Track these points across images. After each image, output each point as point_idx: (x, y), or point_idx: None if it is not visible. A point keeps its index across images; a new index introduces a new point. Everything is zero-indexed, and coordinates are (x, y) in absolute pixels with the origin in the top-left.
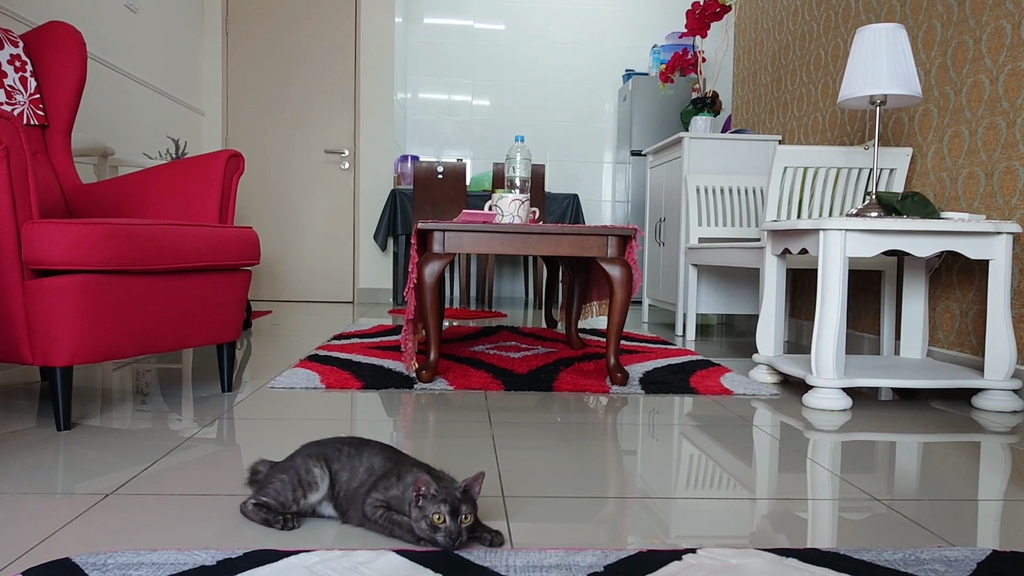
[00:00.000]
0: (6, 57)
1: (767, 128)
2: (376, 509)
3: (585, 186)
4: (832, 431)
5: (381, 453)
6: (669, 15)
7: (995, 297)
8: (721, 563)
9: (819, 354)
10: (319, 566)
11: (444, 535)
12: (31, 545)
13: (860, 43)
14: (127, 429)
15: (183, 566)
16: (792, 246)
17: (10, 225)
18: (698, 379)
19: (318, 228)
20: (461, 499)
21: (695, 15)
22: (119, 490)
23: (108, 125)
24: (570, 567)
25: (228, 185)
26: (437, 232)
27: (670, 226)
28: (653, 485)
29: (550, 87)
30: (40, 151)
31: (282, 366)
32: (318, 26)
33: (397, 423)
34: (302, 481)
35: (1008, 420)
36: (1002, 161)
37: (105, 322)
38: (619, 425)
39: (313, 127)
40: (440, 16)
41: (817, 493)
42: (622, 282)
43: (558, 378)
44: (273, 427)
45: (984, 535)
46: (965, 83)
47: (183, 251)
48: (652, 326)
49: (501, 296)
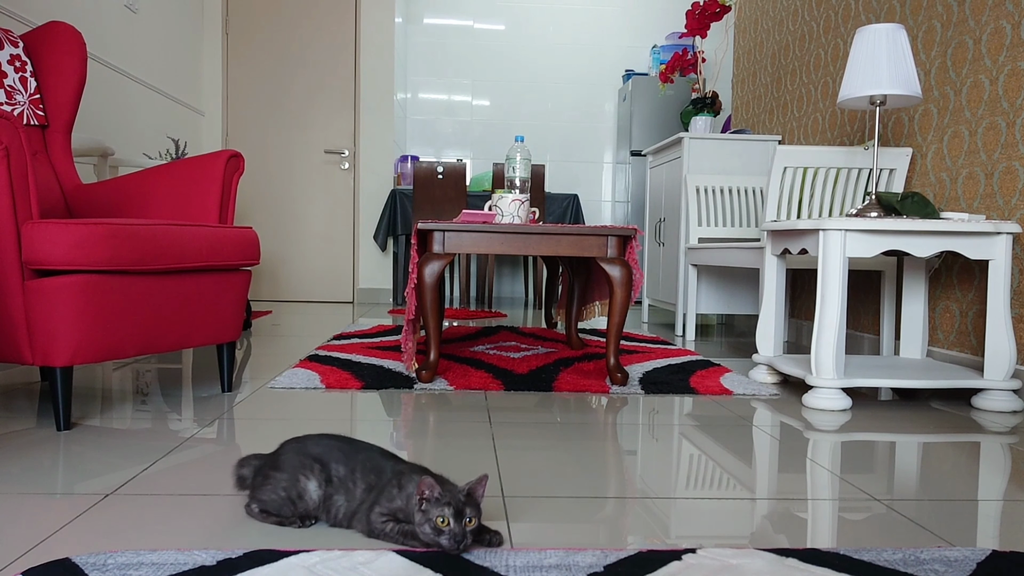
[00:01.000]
0: (6, 57)
1: (767, 128)
2: (385, 524)
3: (585, 186)
4: (832, 431)
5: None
6: (669, 15)
7: (995, 297)
8: (721, 563)
9: (819, 354)
10: (319, 566)
11: (448, 538)
12: (31, 545)
13: (860, 43)
14: (127, 429)
15: (183, 566)
16: (792, 246)
17: (10, 225)
18: (698, 379)
19: (318, 228)
20: (465, 502)
21: (695, 15)
22: (119, 490)
23: (108, 125)
24: (570, 567)
25: (228, 185)
26: (437, 232)
27: (670, 226)
28: (653, 485)
29: (550, 87)
30: (40, 151)
31: (282, 366)
32: (318, 26)
33: (397, 423)
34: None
35: (1008, 420)
36: (1002, 161)
37: (105, 322)
38: (619, 425)
39: (313, 127)
40: (440, 16)
41: (817, 493)
42: (622, 282)
43: (558, 378)
44: (273, 427)
45: (984, 535)
46: (965, 83)
47: (183, 251)
48: (652, 326)
49: (501, 296)
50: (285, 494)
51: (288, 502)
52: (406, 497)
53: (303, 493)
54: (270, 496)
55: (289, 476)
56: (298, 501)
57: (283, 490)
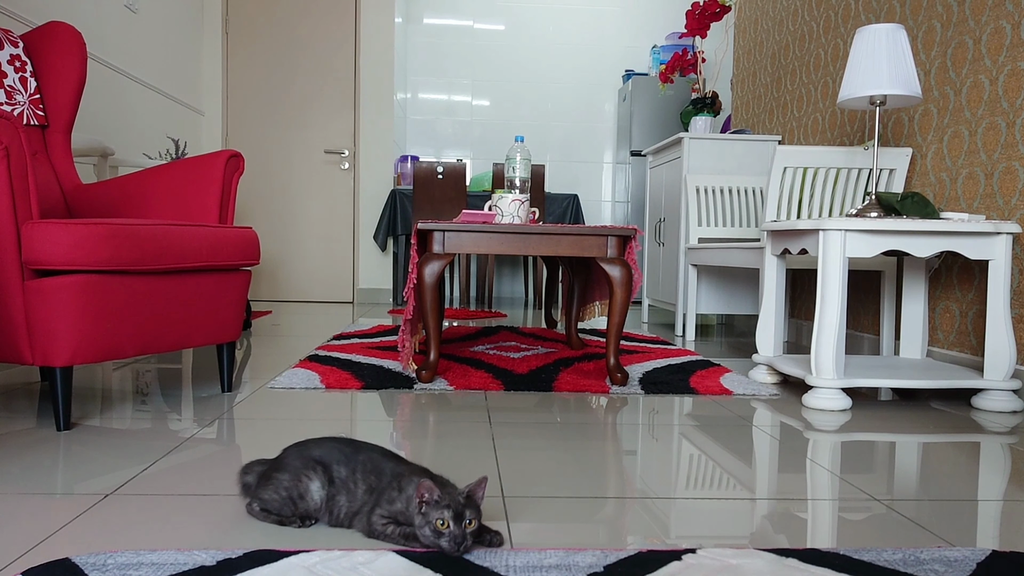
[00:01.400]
0: (6, 57)
1: (767, 128)
2: (386, 527)
3: (585, 186)
4: (832, 431)
5: (375, 470)
6: (669, 15)
7: (995, 297)
8: (721, 563)
9: (819, 354)
10: (319, 566)
11: (448, 540)
12: (31, 545)
13: (860, 43)
14: (127, 429)
15: (183, 566)
16: (792, 246)
17: (10, 225)
18: (698, 379)
19: (318, 228)
20: (464, 504)
21: (695, 15)
22: (119, 490)
23: (108, 125)
24: (570, 567)
25: (228, 185)
26: (437, 232)
27: (670, 226)
28: (653, 485)
29: (550, 87)
30: (40, 151)
31: (282, 366)
32: (318, 26)
33: (397, 423)
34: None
35: (1008, 420)
36: (1002, 161)
37: (105, 322)
38: (619, 425)
39: (313, 127)
40: (440, 16)
41: (817, 493)
42: (622, 282)
43: (558, 378)
44: (273, 427)
45: (984, 535)
46: (965, 83)
47: (183, 251)
48: (652, 326)
49: (501, 296)
50: (286, 494)
51: (289, 502)
52: (406, 499)
53: (304, 493)
54: (271, 496)
55: (291, 476)
56: (299, 501)
57: (284, 490)
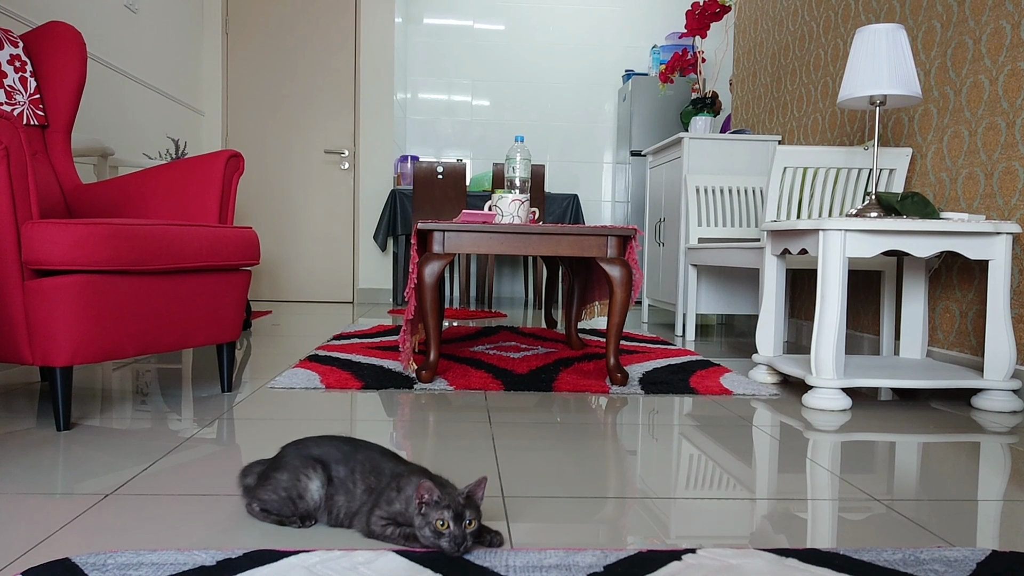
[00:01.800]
0: (6, 57)
1: (767, 128)
2: (385, 528)
3: (585, 186)
4: (832, 431)
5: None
6: (669, 15)
7: (995, 297)
8: (721, 563)
9: (819, 354)
10: (319, 566)
11: (448, 540)
12: (31, 545)
13: (860, 43)
14: (127, 429)
15: (183, 566)
16: (792, 246)
17: (10, 225)
18: (698, 379)
19: (318, 228)
20: (465, 504)
21: (695, 15)
22: (119, 490)
23: (108, 125)
24: (570, 567)
25: (228, 185)
26: (437, 232)
27: (670, 226)
28: (653, 485)
29: (550, 87)
30: (40, 151)
31: (282, 366)
32: (318, 26)
33: (397, 423)
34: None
35: (1008, 420)
36: (1002, 161)
37: (105, 322)
38: (619, 425)
39: (313, 127)
40: (440, 16)
41: (817, 493)
42: (622, 282)
43: (558, 378)
44: (273, 427)
45: (984, 535)
46: (965, 83)
47: (183, 251)
48: (652, 326)
49: (501, 296)
50: (285, 494)
51: (288, 502)
52: (405, 500)
53: (304, 493)
54: (270, 496)
55: (290, 476)
56: (298, 501)
57: (283, 490)
